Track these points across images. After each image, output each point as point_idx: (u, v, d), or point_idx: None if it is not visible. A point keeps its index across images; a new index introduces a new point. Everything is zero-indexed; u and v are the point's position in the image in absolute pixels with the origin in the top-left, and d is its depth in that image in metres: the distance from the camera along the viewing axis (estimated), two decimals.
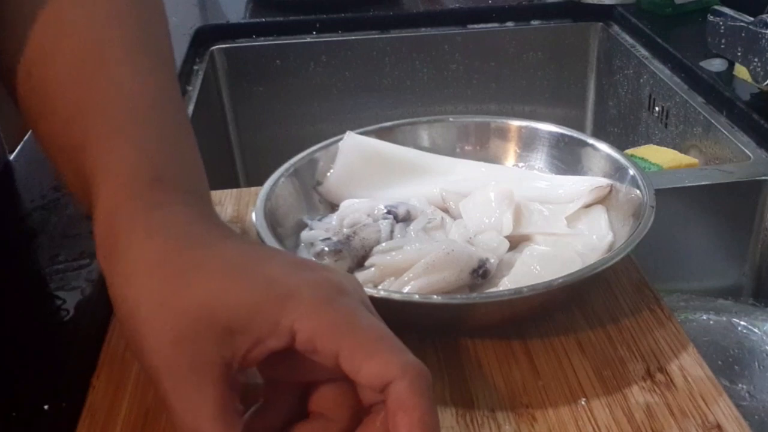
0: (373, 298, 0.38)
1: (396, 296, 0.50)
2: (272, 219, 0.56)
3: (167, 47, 0.49)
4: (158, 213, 0.38)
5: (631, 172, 0.59)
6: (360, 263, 0.55)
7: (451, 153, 0.67)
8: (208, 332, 0.34)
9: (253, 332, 0.34)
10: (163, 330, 0.34)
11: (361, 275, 0.54)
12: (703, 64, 0.97)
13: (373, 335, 0.34)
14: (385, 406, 0.34)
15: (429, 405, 0.33)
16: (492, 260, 0.53)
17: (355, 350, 0.34)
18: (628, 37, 1.17)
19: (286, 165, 0.62)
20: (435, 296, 0.50)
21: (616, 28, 1.21)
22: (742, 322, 0.71)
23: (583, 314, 0.54)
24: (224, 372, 0.34)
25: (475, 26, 1.25)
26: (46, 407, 0.46)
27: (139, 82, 0.44)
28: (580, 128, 1.18)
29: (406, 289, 0.51)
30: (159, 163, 0.41)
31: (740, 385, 0.66)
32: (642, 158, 0.85)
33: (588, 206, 0.60)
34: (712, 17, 0.93)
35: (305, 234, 0.58)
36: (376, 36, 1.23)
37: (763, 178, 0.79)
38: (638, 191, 0.57)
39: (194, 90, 1.07)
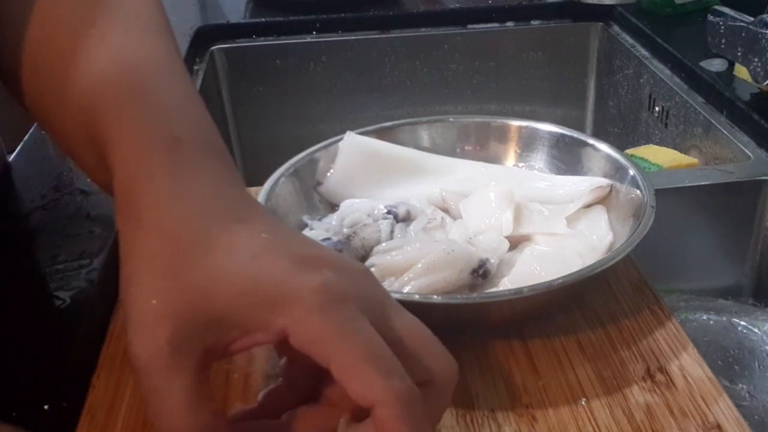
0: None
1: (396, 296, 0.49)
2: (276, 218, 0.56)
3: (166, 24, 0.48)
4: (175, 178, 0.37)
5: (631, 172, 0.59)
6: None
7: (451, 153, 0.67)
8: (196, 318, 0.34)
9: (243, 326, 0.34)
10: (153, 306, 0.34)
11: None
12: (703, 64, 0.97)
13: (361, 354, 0.33)
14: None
15: (412, 430, 0.33)
16: (492, 260, 0.53)
17: (343, 367, 0.33)
18: (628, 37, 1.17)
19: (286, 165, 0.62)
20: (435, 296, 0.50)
21: (616, 28, 1.21)
22: (742, 322, 0.71)
23: (583, 314, 0.54)
24: (203, 359, 0.34)
25: (475, 26, 1.25)
26: (46, 407, 0.46)
27: (143, 54, 0.44)
28: (580, 128, 1.18)
29: (406, 289, 0.51)
30: (175, 123, 0.40)
31: (740, 385, 0.66)
32: (642, 158, 0.85)
33: (588, 206, 0.60)
34: (712, 17, 0.93)
35: (305, 234, 0.58)
36: (376, 36, 1.23)
37: (763, 178, 0.79)
38: (638, 191, 0.57)
39: None
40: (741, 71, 0.91)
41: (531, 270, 0.54)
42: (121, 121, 0.40)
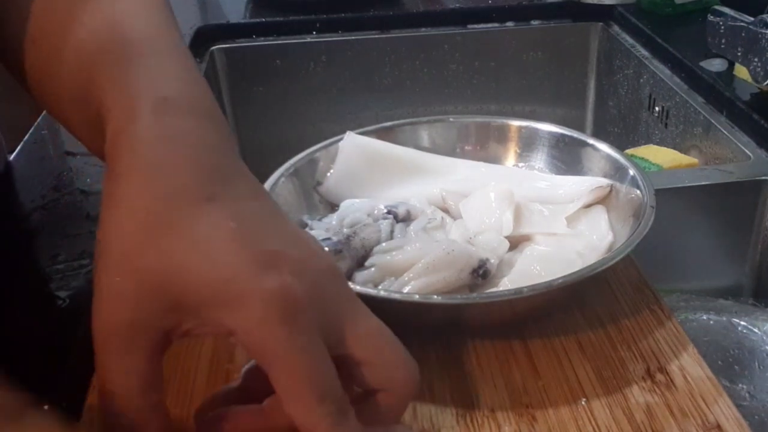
0: (373, 298, 0.38)
1: (396, 296, 0.50)
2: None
3: (166, 1, 0.48)
4: (163, 143, 0.36)
5: (631, 172, 0.59)
6: (360, 263, 0.55)
7: (451, 153, 0.67)
8: (153, 302, 0.33)
9: (199, 316, 0.34)
10: (117, 283, 0.34)
11: (361, 275, 0.54)
12: (703, 64, 0.97)
13: (301, 376, 0.33)
14: None
15: None
16: (492, 260, 0.53)
17: (281, 384, 0.33)
18: (628, 37, 1.17)
19: (286, 165, 0.62)
20: (435, 296, 0.50)
21: (616, 28, 1.21)
22: (742, 322, 0.71)
23: (583, 314, 0.54)
24: (159, 341, 0.34)
25: (475, 26, 1.25)
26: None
27: (137, 20, 0.43)
28: (580, 128, 1.18)
29: (406, 289, 0.51)
30: (165, 82, 0.39)
31: (740, 385, 0.66)
32: (642, 158, 0.85)
33: (588, 206, 0.60)
34: (712, 17, 0.93)
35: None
36: (376, 36, 1.23)
37: (763, 178, 0.79)
38: (638, 191, 0.57)
39: None
40: (741, 71, 0.91)
41: (531, 270, 0.54)
42: (111, 82, 0.39)
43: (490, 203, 0.59)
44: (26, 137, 0.77)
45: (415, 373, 0.37)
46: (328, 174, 0.64)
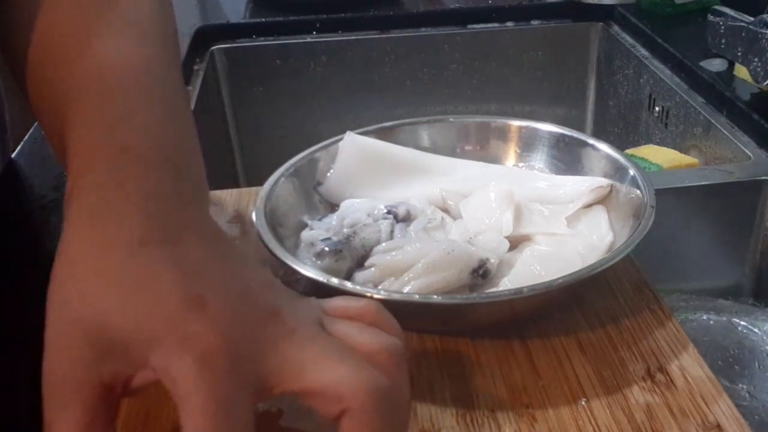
0: (372, 298, 0.38)
1: (396, 296, 0.50)
2: (272, 219, 0.56)
3: (167, 32, 0.48)
4: (114, 188, 0.36)
5: (631, 172, 0.59)
6: (360, 263, 0.55)
7: (451, 153, 0.67)
8: (91, 348, 0.33)
9: (128, 359, 0.33)
10: (58, 331, 0.33)
11: (361, 275, 0.54)
12: (703, 64, 0.97)
13: (198, 421, 0.31)
14: None
15: None
16: (492, 260, 0.53)
17: (184, 427, 0.32)
18: (628, 37, 1.17)
19: (286, 165, 0.62)
20: (435, 296, 0.50)
21: (616, 28, 1.21)
22: (742, 322, 0.71)
23: (583, 314, 0.54)
24: (97, 393, 0.33)
25: (475, 26, 1.25)
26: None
27: (124, 60, 0.43)
28: (580, 128, 1.18)
29: (406, 289, 0.51)
30: (128, 131, 0.39)
31: (740, 385, 0.66)
32: (642, 158, 0.86)
33: (588, 206, 0.60)
34: (712, 17, 0.93)
35: (305, 234, 0.58)
36: (376, 36, 1.23)
37: (763, 178, 0.79)
38: (638, 191, 0.57)
39: (194, 90, 1.07)
40: (741, 71, 0.91)
41: (531, 270, 0.54)
42: (75, 126, 0.40)
43: (490, 203, 0.59)
44: (26, 137, 0.77)
45: (367, 384, 0.34)
46: (328, 174, 0.64)
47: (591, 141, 0.64)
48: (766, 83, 0.85)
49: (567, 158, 0.65)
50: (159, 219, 0.36)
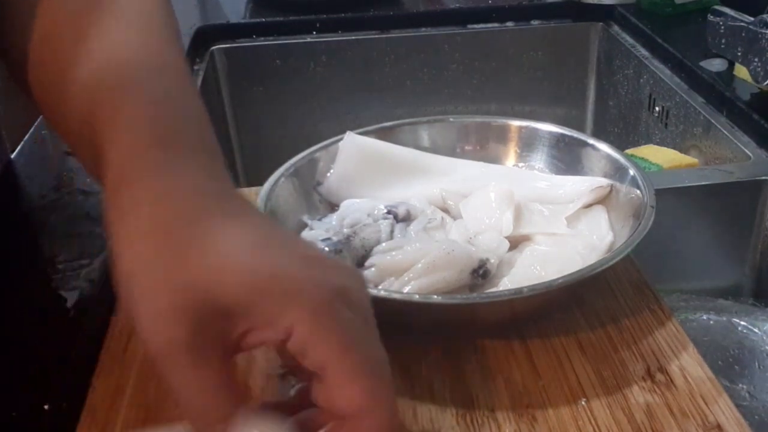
0: (373, 298, 0.38)
1: (396, 296, 0.50)
2: (272, 219, 0.56)
3: (169, 23, 0.48)
4: (164, 176, 0.37)
5: (631, 172, 0.59)
6: (360, 263, 0.55)
7: (451, 153, 0.67)
8: (205, 311, 0.33)
9: (250, 320, 0.34)
10: (160, 305, 0.34)
11: None
12: (703, 64, 0.97)
13: (360, 366, 0.33)
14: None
15: None
16: (492, 260, 0.53)
17: (340, 373, 0.33)
18: (628, 37, 1.17)
19: (286, 165, 0.62)
20: (435, 296, 0.50)
21: (616, 28, 1.21)
22: (742, 322, 0.71)
23: (583, 314, 0.54)
24: (222, 350, 0.34)
25: (475, 26, 1.25)
26: (46, 407, 0.46)
27: (134, 50, 0.44)
28: (580, 128, 1.18)
29: (406, 289, 0.51)
30: (164, 122, 0.40)
31: (740, 385, 0.66)
32: (642, 158, 0.85)
33: (588, 206, 0.60)
34: (712, 17, 0.93)
35: (305, 234, 0.58)
36: (376, 36, 1.23)
37: (763, 178, 0.79)
38: (638, 191, 0.57)
39: None
40: (741, 71, 0.91)
41: (531, 270, 0.54)
42: (112, 124, 0.40)
43: (490, 203, 0.59)
44: (26, 137, 0.77)
45: (371, 408, 0.34)
46: (328, 174, 0.64)
47: (591, 141, 0.64)
48: (766, 83, 0.85)
49: (567, 158, 0.65)
50: (220, 195, 0.38)
